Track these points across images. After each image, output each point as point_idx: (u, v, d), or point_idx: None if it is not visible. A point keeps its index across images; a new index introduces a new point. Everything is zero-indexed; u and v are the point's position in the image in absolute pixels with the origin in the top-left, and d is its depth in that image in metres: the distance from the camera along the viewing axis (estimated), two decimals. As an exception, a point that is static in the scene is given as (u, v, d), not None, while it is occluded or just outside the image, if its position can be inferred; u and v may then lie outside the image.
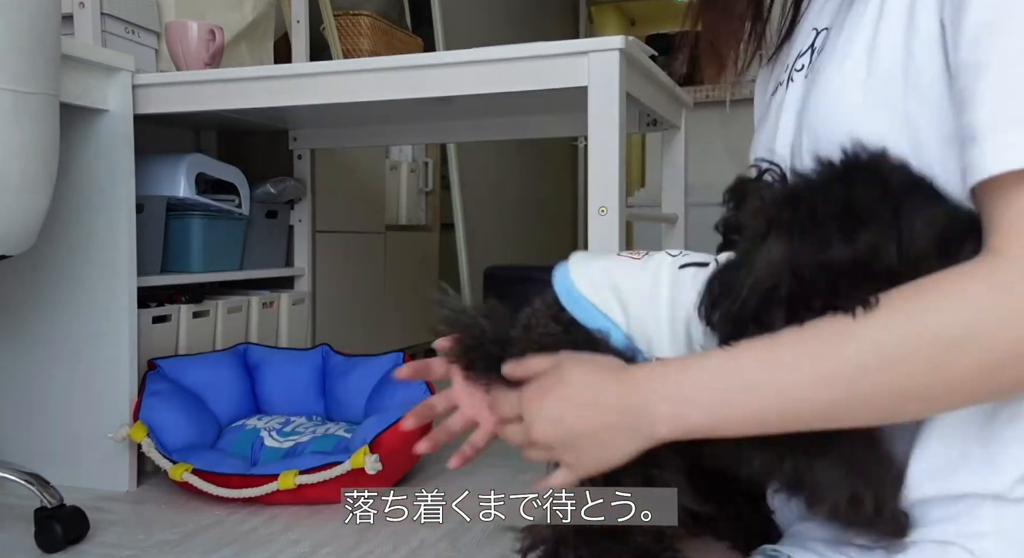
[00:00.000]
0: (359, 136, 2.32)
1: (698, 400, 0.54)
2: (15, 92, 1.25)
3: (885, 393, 0.50)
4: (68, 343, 1.73)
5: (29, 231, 1.34)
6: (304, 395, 2.01)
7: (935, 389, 0.49)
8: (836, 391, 0.50)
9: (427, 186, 3.32)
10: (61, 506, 1.42)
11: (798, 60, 0.66)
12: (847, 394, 0.50)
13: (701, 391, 0.54)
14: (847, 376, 0.50)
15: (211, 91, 1.73)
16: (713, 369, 0.54)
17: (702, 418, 0.54)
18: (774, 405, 0.52)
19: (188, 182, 1.94)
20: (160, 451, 1.65)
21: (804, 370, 0.51)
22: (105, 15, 1.82)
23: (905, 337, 0.49)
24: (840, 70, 0.59)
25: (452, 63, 1.54)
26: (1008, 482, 0.53)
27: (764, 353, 0.53)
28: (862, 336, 0.49)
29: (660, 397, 0.55)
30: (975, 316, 0.47)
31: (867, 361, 0.49)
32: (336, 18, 2.71)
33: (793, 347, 0.52)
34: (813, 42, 0.65)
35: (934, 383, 0.49)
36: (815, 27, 0.65)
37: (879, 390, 0.50)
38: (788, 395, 0.52)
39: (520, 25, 5.02)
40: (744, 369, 0.53)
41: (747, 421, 0.53)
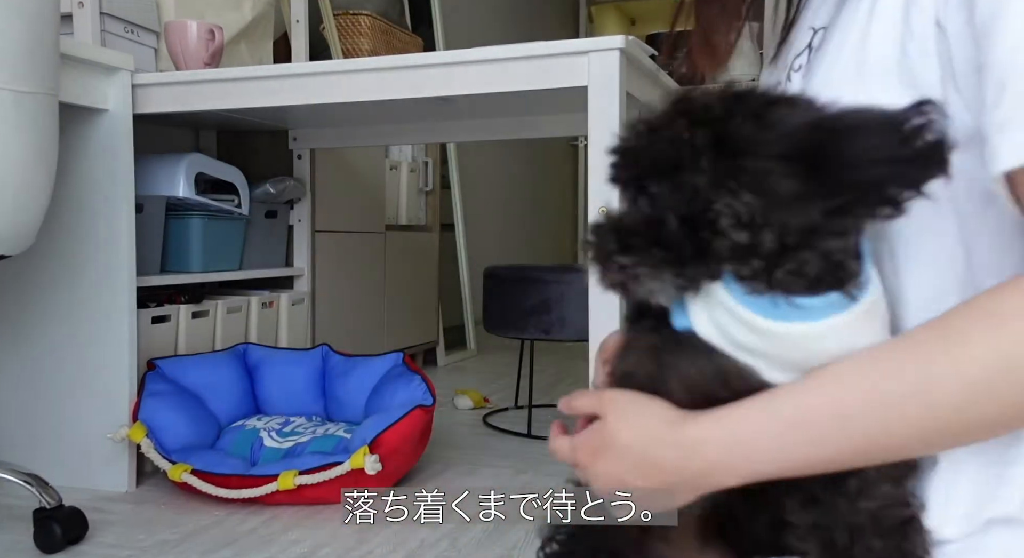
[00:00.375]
0: (359, 136, 2.32)
1: (761, 450, 0.52)
2: (15, 92, 1.25)
3: (976, 420, 0.48)
4: (67, 343, 1.73)
5: (28, 231, 1.34)
6: (304, 395, 2.00)
7: (1007, 415, 0.48)
8: (913, 427, 0.49)
9: (427, 186, 3.32)
10: (60, 506, 1.42)
11: (796, 60, 0.66)
12: (926, 427, 0.49)
13: (763, 440, 0.52)
14: (927, 409, 0.48)
15: (210, 91, 1.73)
16: (774, 416, 0.52)
17: (769, 468, 0.52)
18: (845, 447, 0.50)
19: (188, 182, 1.93)
20: (159, 451, 1.65)
21: (878, 411, 0.49)
22: (104, 15, 1.82)
23: (986, 367, 0.47)
24: (832, 70, 0.59)
25: (452, 63, 1.54)
26: (1018, 504, 0.53)
27: (832, 392, 0.50)
28: (943, 365, 0.48)
29: (718, 458, 0.53)
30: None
31: (951, 390, 0.48)
32: (336, 18, 2.71)
33: (867, 385, 0.50)
34: (810, 42, 0.65)
35: (1007, 410, 0.47)
36: (812, 26, 0.65)
37: (971, 427, 0.49)
38: (860, 435, 0.50)
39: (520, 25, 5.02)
40: (812, 413, 0.51)
41: (813, 463, 0.51)
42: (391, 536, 1.49)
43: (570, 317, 2.17)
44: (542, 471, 1.88)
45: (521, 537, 1.46)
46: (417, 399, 1.80)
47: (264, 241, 2.27)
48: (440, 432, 2.25)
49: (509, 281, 2.25)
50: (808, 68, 0.63)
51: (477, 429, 2.34)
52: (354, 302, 2.73)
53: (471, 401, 2.59)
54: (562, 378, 3.14)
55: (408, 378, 1.89)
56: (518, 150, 4.97)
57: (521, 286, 2.21)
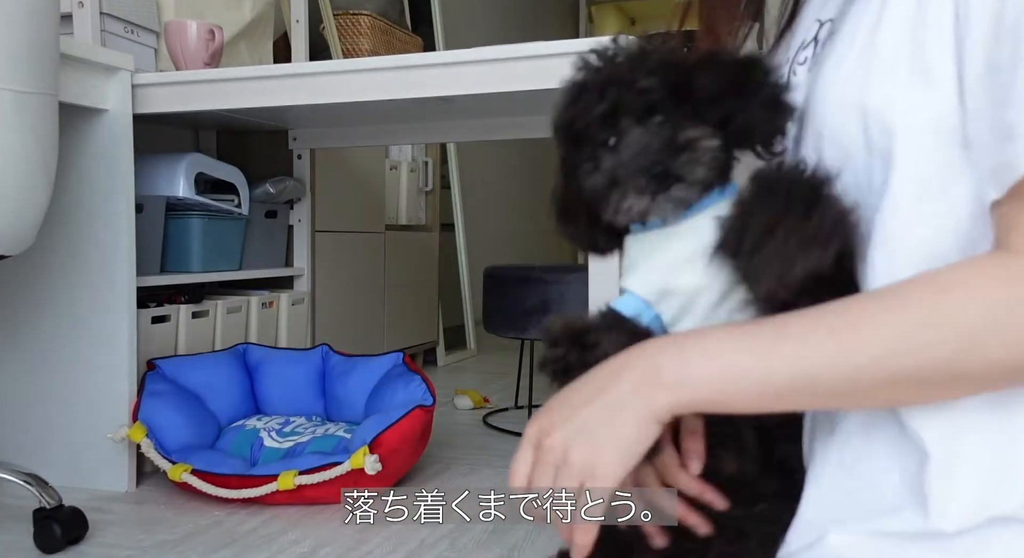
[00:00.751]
0: (359, 136, 2.31)
1: (702, 366, 0.53)
2: (14, 92, 1.25)
3: (904, 378, 0.49)
4: (67, 343, 1.73)
5: (28, 231, 1.34)
6: (304, 395, 2.00)
7: (952, 377, 0.49)
8: (851, 370, 0.50)
9: (427, 186, 3.32)
10: (60, 507, 1.42)
11: (800, 52, 0.65)
12: (863, 375, 0.50)
13: (707, 357, 0.53)
14: (866, 357, 0.49)
15: (210, 91, 1.73)
16: (721, 337, 0.53)
17: (704, 388, 0.52)
18: (783, 377, 0.51)
19: (187, 182, 1.93)
20: (159, 451, 1.65)
21: (819, 345, 0.50)
22: (104, 15, 1.82)
23: (929, 326, 0.48)
24: (842, 64, 0.58)
25: (452, 63, 1.54)
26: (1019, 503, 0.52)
27: (778, 327, 0.52)
28: (884, 321, 0.49)
29: (663, 360, 0.54)
30: (993, 311, 0.47)
31: (887, 346, 0.49)
32: (336, 18, 2.71)
33: (809, 322, 0.51)
34: (816, 34, 0.64)
35: (954, 371, 0.48)
36: (818, 18, 0.64)
37: (896, 375, 0.49)
38: (799, 368, 0.51)
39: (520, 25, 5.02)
40: (754, 338, 0.52)
41: (751, 393, 0.52)
42: (391, 536, 1.49)
43: (570, 317, 2.17)
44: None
45: (521, 537, 1.46)
46: (417, 399, 1.79)
47: (264, 241, 2.27)
48: (440, 432, 2.25)
49: (509, 281, 2.25)
50: (815, 61, 0.63)
51: (477, 429, 2.34)
52: (354, 302, 2.73)
53: (471, 401, 2.59)
54: (562, 378, 3.14)
55: (408, 378, 1.89)
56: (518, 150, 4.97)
57: (521, 286, 2.21)
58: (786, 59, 0.67)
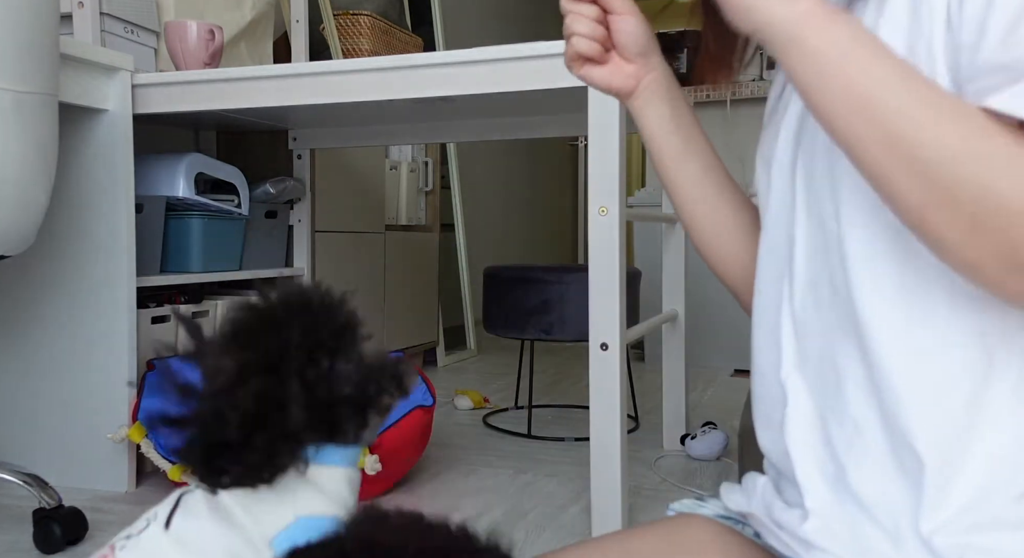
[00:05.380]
0: (359, 136, 2.31)
1: (833, 24, 0.52)
2: (14, 92, 1.25)
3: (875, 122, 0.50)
4: (67, 343, 1.73)
5: (27, 231, 1.34)
6: (304, 395, 2.00)
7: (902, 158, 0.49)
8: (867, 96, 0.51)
9: (427, 186, 3.32)
10: (60, 507, 1.42)
11: None
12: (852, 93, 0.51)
13: (842, 21, 0.53)
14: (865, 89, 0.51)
15: (210, 91, 1.73)
16: (857, 25, 0.53)
17: (818, 34, 0.52)
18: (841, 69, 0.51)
19: (187, 182, 1.93)
20: (159, 451, 1.65)
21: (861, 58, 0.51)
22: (104, 15, 1.82)
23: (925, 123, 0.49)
24: None
25: (452, 63, 1.54)
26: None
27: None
28: (901, 88, 0.50)
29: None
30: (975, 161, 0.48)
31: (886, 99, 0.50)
32: (336, 18, 2.71)
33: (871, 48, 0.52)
34: None
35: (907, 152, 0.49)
36: None
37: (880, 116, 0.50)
38: (828, 54, 0.52)
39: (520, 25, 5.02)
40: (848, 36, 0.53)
41: (822, 60, 0.52)
42: (391, 536, 1.49)
43: (570, 317, 2.17)
44: (542, 471, 1.88)
45: (521, 537, 1.46)
46: (417, 399, 1.80)
47: (264, 241, 2.27)
48: (440, 432, 2.25)
49: (509, 281, 2.25)
50: None
51: (477, 429, 2.34)
52: (354, 302, 2.73)
53: (471, 401, 2.59)
54: (562, 378, 3.14)
55: (408, 378, 1.89)
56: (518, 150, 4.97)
57: (521, 286, 2.21)
58: None
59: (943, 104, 0.49)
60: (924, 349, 0.55)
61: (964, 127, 0.48)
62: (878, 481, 0.56)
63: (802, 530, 0.59)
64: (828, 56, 0.52)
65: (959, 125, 0.48)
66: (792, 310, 0.62)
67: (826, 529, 0.58)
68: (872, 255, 0.56)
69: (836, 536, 0.58)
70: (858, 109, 0.51)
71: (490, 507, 1.64)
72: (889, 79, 0.50)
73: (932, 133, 0.48)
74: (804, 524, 0.59)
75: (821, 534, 0.58)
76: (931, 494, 0.54)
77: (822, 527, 0.58)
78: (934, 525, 0.54)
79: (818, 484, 0.59)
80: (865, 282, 0.56)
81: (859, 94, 0.51)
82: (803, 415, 0.61)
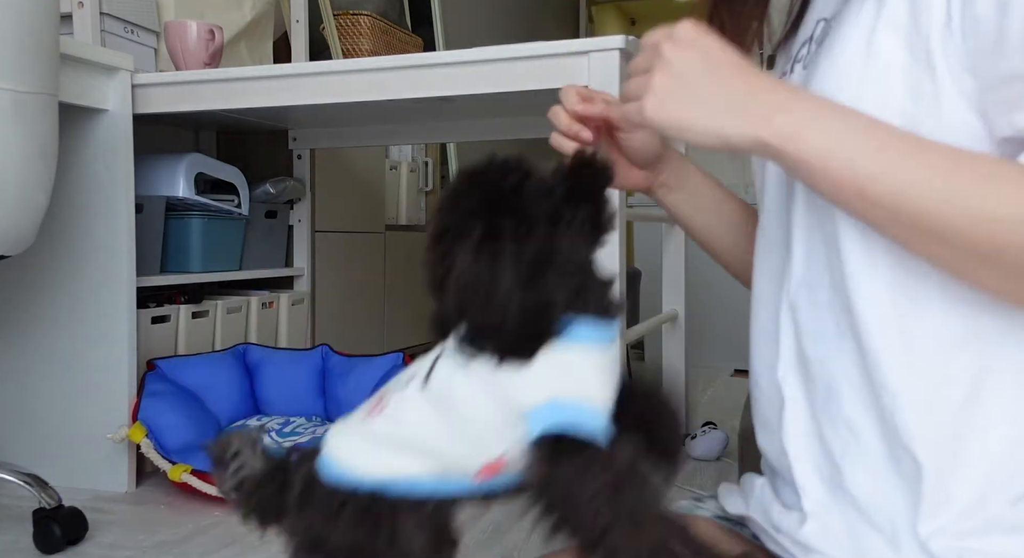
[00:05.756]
0: (359, 136, 2.31)
1: (820, 116, 0.52)
2: (14, 92, 1.25)
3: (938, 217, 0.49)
4: (67, 343, 1.73)
5: (27, 231, 1.34)
6: (303, 395, 2.00)
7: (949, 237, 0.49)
8: (905, 183, 0.50)
9: (427, 186, 3.32)
10: (60, 507, 1.42)
11: (801, 49, 0.65)
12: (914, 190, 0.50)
13: (824, 111, 0.53)
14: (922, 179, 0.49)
15: (210, 91, 1.73)
16: (837, 107, 0.53)
17: (815, 134, 0.52)
18: (866, 160, 0.51)
19: (187, 182, 1.93)
20: (159, 452, 1.65)
21: (899, 153, 0.50)
22: (104, 15, 1.82)
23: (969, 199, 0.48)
24: (836, 65, 0.58)
25: (452, 63, 1.54)
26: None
27: (875, 124, 0.52)
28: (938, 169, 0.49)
29: (789, 94, 0.53)
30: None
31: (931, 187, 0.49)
32: (336, 18, 2.71)
33: (899, 140, 0.51)
34: (813, 33, 0.64)
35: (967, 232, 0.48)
36: (819, 18, 0.64)
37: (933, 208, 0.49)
38: (877, 160, 0.50)
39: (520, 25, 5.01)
40: (862, 121, 0.52)
41: (840, 159, 0.51)
42: (391, 536, 1.49)
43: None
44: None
45: (521, 537, 1.46)
46: (417, 399, 1.79)
47: (264, 241, 2.27)
48: (440, 432, 2.24)
49: (509, 281, 2.24)
50: (810, 61, 0.63)
51: (477, 429, 2.34)
52: (354, 302, 2.73)
53: (471, 401, 2.58)
54: (562, 378, 3.13)
55: (408, 378, 1.89)
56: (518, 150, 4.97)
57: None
58: (789, 57, 0.67)
59: (967, 173, 0.49)
60: (921, 350, 0.54)
61: (1002, 192, 0.47)
62: (875, 483, 0.56)
63: (800, 534, 0.59)
64: (812, 164, 0.52)
65: (999, 192, 0.47)
66: (790, 310, 0.62)
67: (824, 532, 0.58)
68: (869, 256, 0.56)
69: (834, 539, 0.57)
70: (857, 198, 0.51)
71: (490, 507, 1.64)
72: (912, 173, 0.49)
73: (982, 217, 0.47)
74: (802, 528, 0.59)
75: (819, 537, 0.58)
76: (929, 497, 0.54)
77: (820, 530, 0.58)
78: (932, 528, 0.53)
79: (816, 486, 0.59)
80: (862, 283, 0.56)
81: (852, 189, 0.51)
82: (799, 416, 0.61)
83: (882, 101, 0.54)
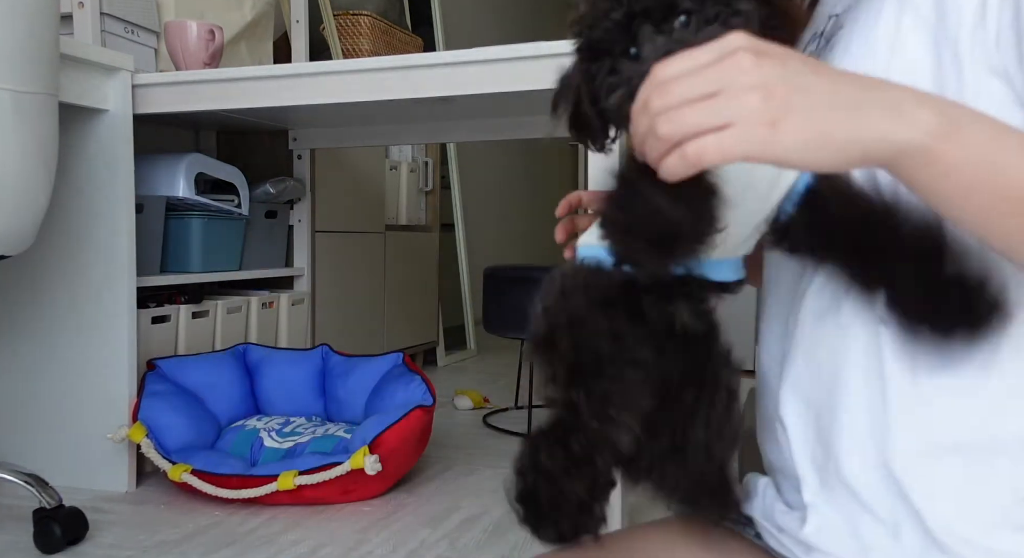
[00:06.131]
0: (359, 136, 2.31)
1: (965, 111, 0.46)
2: (14, 92, 1.25)
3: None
4: (67, 343, 1.73)
5: (28, 231, 1.34)
6: (304, 395, 2.00)
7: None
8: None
9: (427, 186, 3.32)
10: (60, 507, 1.42)
11: (812, 44, 0.65)
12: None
13: (967, 121, 0.46)
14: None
15: (210, 91, 1.73)
16: (983, 118, 0.47)
17: (975, 130, 0.45)
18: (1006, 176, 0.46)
19: (187, 182, 1.93)
20: (159, 451, 1.65)
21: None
22: (104, 15, 1.82)
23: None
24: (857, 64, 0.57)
25: (452, 63, 1.54)
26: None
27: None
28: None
29: (927, 99, 0.46)
30: None
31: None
32: (336, 18, 2.71)
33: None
34: (824, 28, 0.64)
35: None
36: (831, 13, 0.64)
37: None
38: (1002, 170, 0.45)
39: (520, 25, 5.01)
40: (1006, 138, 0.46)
41: (1006, 156, 0.45)
42: (391, 536, 1.49)
43: (570, 317, 2.17)
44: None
45: (521, 537, 1.46)
46: (417, 399, 1.79)
47: (264, 241, 2.27)
48: (440, 432, 2.25)
49: (509, 281, 2.25)
50: (819, 55, 0.63)
51: (477, 429, 2.34)
52: (354, 302, 2.73)
53: (471, 401, 2.59)
54: (562, 378, 3.14)
55: (408, 378, 1.89)
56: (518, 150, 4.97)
57: (521, 286, 2.21)
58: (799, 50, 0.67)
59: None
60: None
61: None
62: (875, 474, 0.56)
63: (803, 533, 0.59)
64: (974, 169, 0.45)
65: None
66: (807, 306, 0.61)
67: (825, 530, 0.58)
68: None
69: (835, 536, 0.58)
70: (1017, 211, 0.45)
71: (490, 507, 1.64)
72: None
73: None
74: (804, 527, 0.59)
75: (821, 536, 0.58)
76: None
77: (821, 528, 0.58)
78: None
79: (815, 478, 0.60)
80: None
81: (1016, 198, 0.45)
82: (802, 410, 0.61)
83: None
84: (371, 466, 1.59)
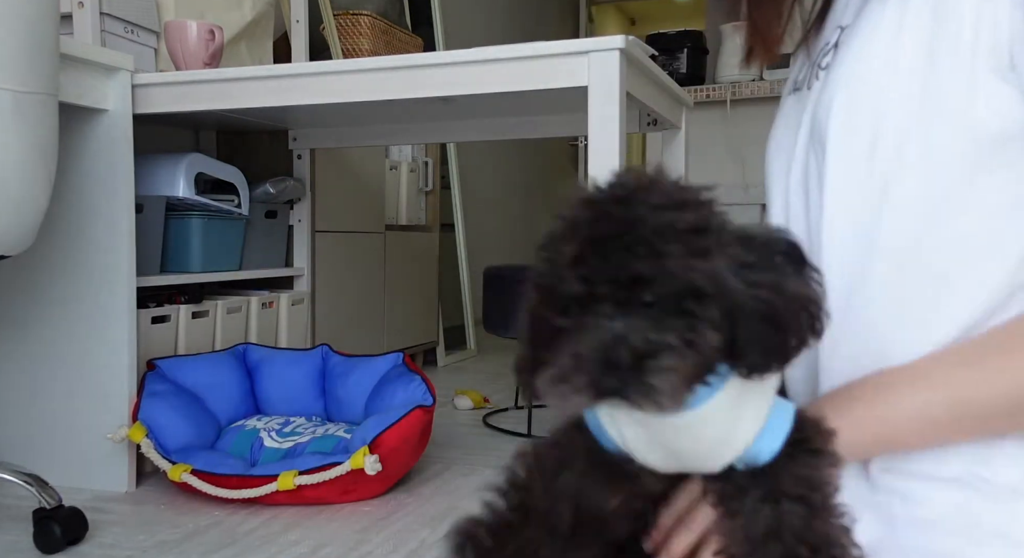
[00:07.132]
0: (359, 136, 2.32)
1: (885, 412, 0.55)
2: (14, 92, 1.25)
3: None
4: (67, 343, 1.73)
5: (28, 231, 1.34)
6: (303, 395, 2.00)
7: None
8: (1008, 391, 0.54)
9: (427, 186, 3.32)
10: (60, 507, 1.42)
11: (824, 58, 0.66)
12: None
13: (878, 401, 0.56)
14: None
15: (210, 91, 1.73)
16: (880, 386, 0.57)
17: (900, 424, 0.55)
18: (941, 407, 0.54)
19: (187, 182, 1.93)
20: (159, 451, 1.65)
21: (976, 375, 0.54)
22: (104, 15, 1.82)
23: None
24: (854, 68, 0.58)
25: (452, 63, 1.54)
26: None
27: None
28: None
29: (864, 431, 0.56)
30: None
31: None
32: (336, 18, 2.71)
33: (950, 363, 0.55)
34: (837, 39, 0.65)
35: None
36: (839, 25, 0.65)
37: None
38: (956, 396, 0.54)
39: (520, 25, 5.02)
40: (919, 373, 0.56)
41: (925, 421, 0.55)
42: (391, 536, 1.49)
43: (570, 317, 2.17)
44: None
45: (521, 537, 1.46)
46: (417, 399, 1.79)
47: (264, 241, 2.27)
48: (440, 432, 2.25)
49: (509, 281, 2.25)
50: (831, 66, 0.63)
51: (477, 429, 2.34)
52: (354, 302, 2.73)
53: (471, 401, 2.59)
54: (562, 378, 3.14)
55: (408, 378, 1.89)
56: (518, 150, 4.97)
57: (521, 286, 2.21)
58: (810, 63, 0.68)
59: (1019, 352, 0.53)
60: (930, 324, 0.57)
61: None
62: None
63: None
64: (914, 429, 0.54)
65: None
66: None
67: None
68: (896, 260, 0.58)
69: None
70: (981, 425, 0.54)
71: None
72: (987, 394, 0.53)
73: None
74: None
75: None
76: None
77: None
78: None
79: None
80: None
81: (970, 416, 0.53)
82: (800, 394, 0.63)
83: (898, 107, 0.55)
84: (371, 466, 1.59)
